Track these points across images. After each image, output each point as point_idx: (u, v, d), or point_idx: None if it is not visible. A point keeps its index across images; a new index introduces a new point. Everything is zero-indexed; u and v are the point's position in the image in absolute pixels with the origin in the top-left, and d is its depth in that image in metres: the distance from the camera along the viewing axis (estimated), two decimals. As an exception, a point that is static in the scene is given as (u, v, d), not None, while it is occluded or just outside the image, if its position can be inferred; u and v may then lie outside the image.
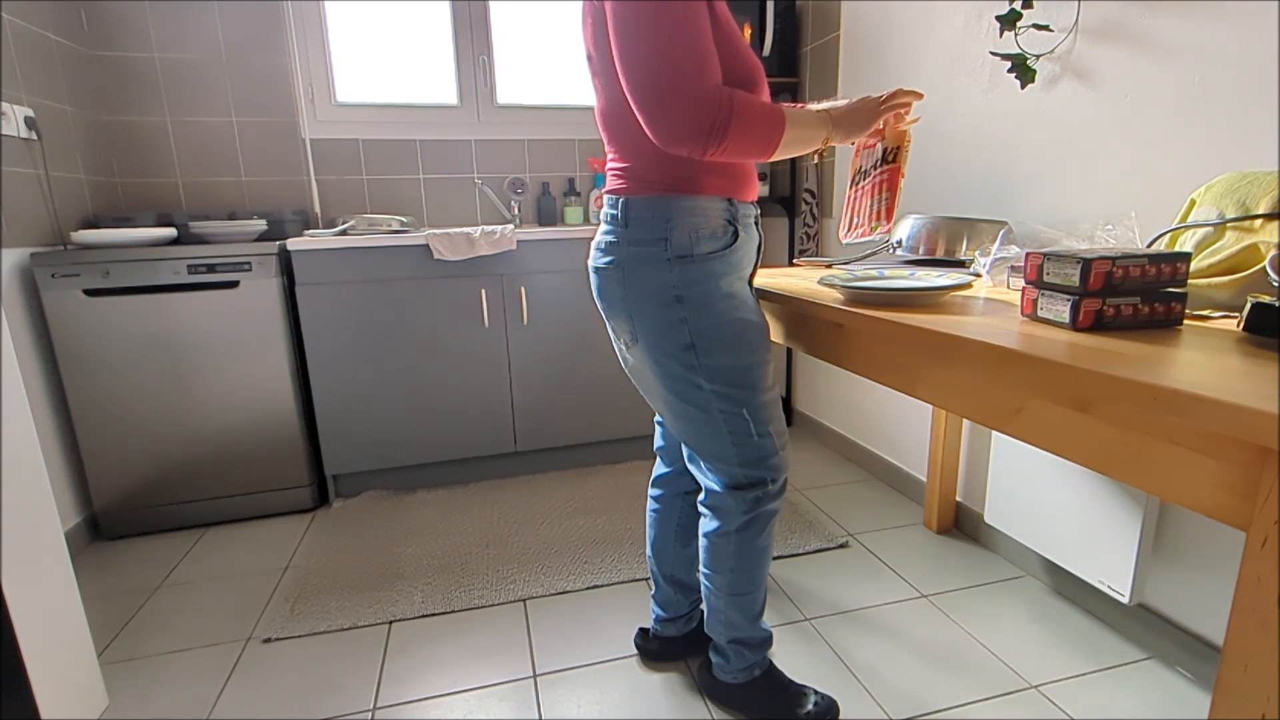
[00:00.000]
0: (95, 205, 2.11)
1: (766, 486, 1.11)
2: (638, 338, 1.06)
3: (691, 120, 0.86)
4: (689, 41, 0.86)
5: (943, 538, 1.87)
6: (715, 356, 1.03)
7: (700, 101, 0.85)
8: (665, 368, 1.06)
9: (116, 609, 1.63)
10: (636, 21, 0.86)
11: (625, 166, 1.03)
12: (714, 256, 1.01)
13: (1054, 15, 1.45)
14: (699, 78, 0.86)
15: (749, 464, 1.09)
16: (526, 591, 1.64)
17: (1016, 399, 0.75)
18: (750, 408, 1.06)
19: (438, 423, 2.20)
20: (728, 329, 1.02)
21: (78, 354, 1.83)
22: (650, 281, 1.01)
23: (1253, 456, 0.53)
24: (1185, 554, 1.31)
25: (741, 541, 1.13)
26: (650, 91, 0.86)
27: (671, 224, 0.99)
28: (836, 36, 2.24)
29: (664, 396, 1.10)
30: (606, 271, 1.05)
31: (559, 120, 2.65)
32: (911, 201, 1.98)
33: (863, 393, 2.32)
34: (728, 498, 1.12)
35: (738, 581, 1.16)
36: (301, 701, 1.31)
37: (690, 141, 0.87)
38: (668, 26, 0.85)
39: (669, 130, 0.87)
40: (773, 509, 1.13)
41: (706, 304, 1.01)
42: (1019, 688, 1.30)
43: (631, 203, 1.01)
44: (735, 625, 1.20)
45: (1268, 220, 0.85)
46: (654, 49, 0.85)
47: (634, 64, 0.87)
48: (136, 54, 2.19)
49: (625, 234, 1.02)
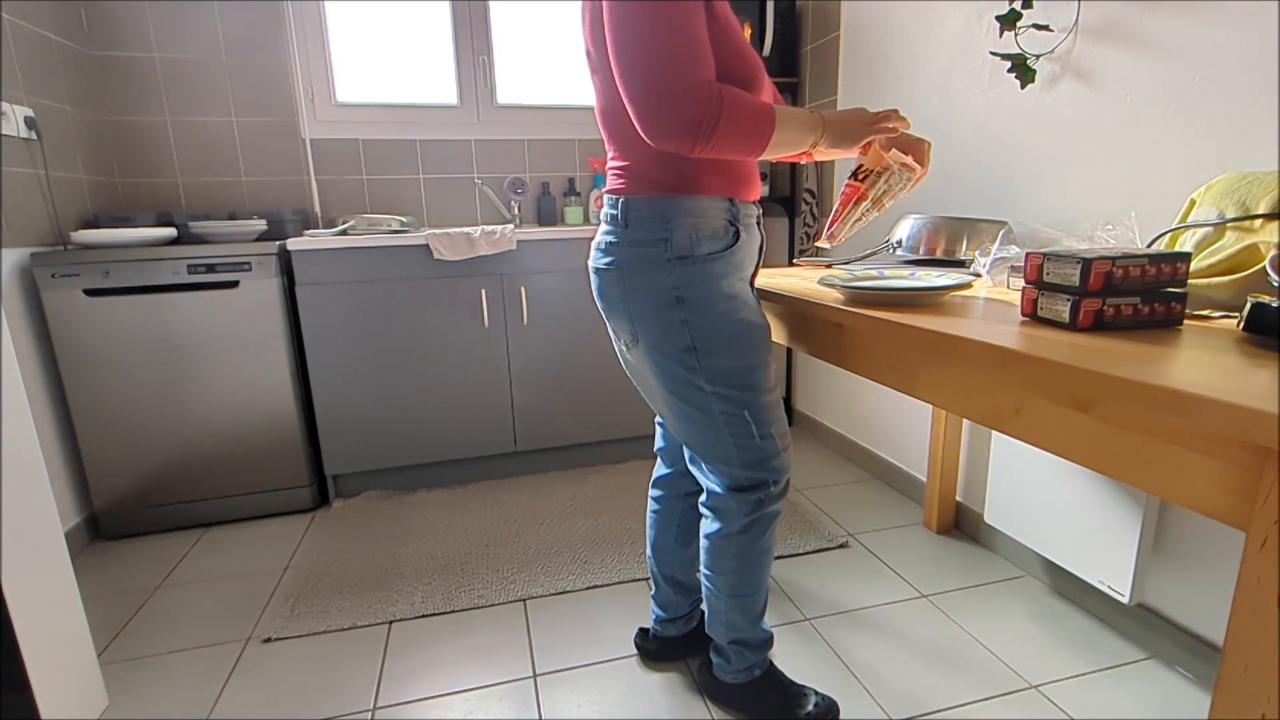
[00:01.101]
0: (95, 205, 2.11)
1: (769, 488, 1.10)
2: (638, 339, 1.06)
3: (681, 115, 0.86)
4: (682, 39, 0.86)
5: (943, 538, 1.87)
6: (717, 358, 1.02)
7: (690, 98, 0.85)
8: (666, 369, 1.05)
9: (116, 609, 1.63)
10: (631, 18, 0.86)
11: (625, 165, 1.02)
12: (715, 257, 1.01)
13: (1054, 15, 1.45)
14: (690, 73, 0.86)
15: (751, 466, 1.09)
16: (526, 591, 1.64)
17: (1016, 399, 0.75)
18: (752, 409, 1.06)
19: (438, 423, 2.20)
20: (729, 330, 1.02)
21: (78, 354, 1.83)
22: (651, 283, 1.00)
23: (1253, 456, 0.53)
24: (1185, 554, 1.31)
25: (743, 543, 1.13)
26: (641, 86, 0.86)
27: (672, 224, 0.99)
28: (836, 36, 2.24)
29: (665, 398, 1.10)
30: (606, 272, 1.05)
31: (559, 120, 2.65)
32: (911, 201, 1.98)
33: (863, 393, 2.32)
34: (729, 499, 1.11)
35: (739, 583, 1.16)
36: (301, 701, 1.31)
37: (678, 137, 0.87)
38: (663, 24, 0.85)
39: (658, 125, 0.87)
40: (774, 511, 1.13)
41: (708, 305, 1.01)
42: (1019, 688, 1.30)
43: (632, 203, 1.01)
44: (736, 626, 1.20)
45: (1268, 220, 0.85)
46: (647, 45, 0.86)
47: (627, 60, 0.87)
48: (136, 54, 2.19)
49: (625, 234, 1.02)
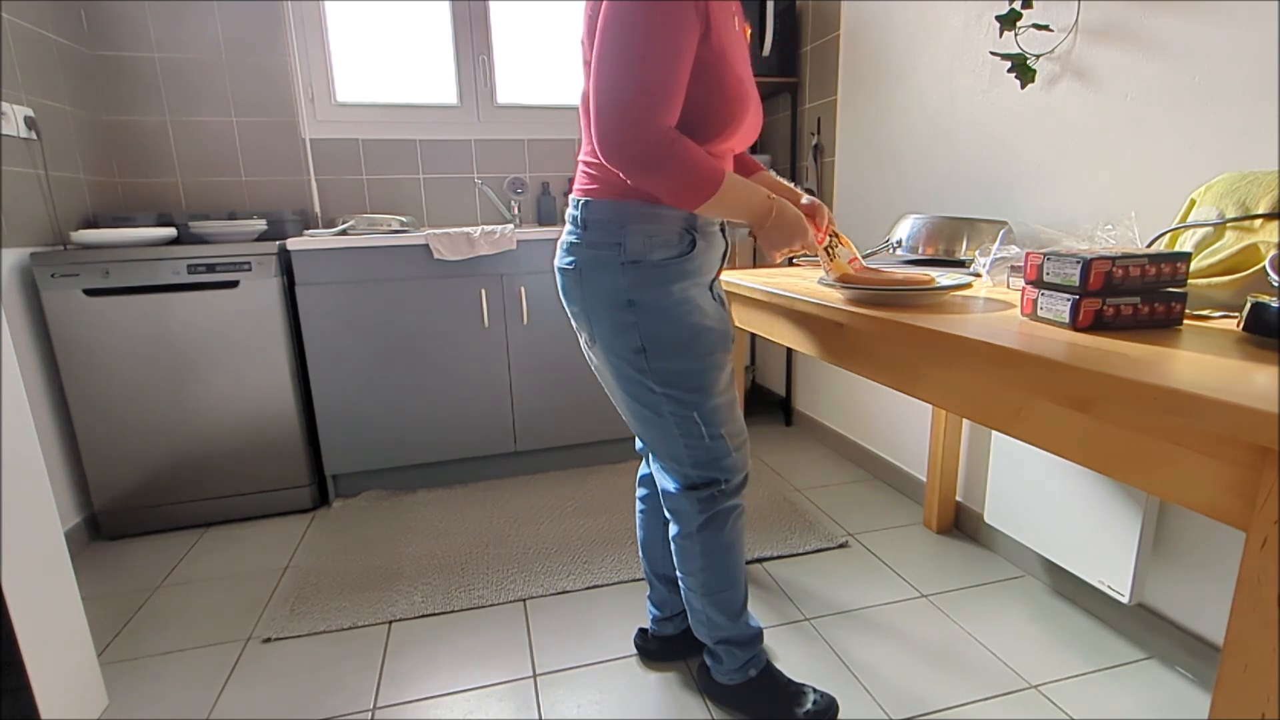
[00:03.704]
0: (95, 205, 2.11)
1: (720, 485, 1.12)
2: (595, 339, 1.08)
3: (628, 151, 0.89)
4: (659, 79, 0.87)
5: (943, 538, 1.87)
6: (666, 360, 1.04)
7: (640, 140, 0.88)
8: (619, 369, 1.08)
9: (116, 609, 1.63)
10: (622, 38, 0.87)
11: (594, 162, 1.04)
12: (668, 263, 1.02)
13: (1054, 15, 1.45)
14: (651, 117, 0.88)
15: (701, 465, 1.11)
16: (526, 591, 1.64)
17: (1016, 399, 0.75)
18: (701, 411, 1.07)
19: (438, 423, 2.20)
20: (678, 333, 1.03)
21: (78, 354, 1.83)
22: (605, 284, 1.03)
23: (1253, 456, 0.53)
24: (1185, 554, 1.31)
25: (705, 540, 1.14)
26: (608, 106, 0.88)
27: (626, 229, 1.01)
28: (836, 36, 2.24)
29: (620, 396, 1.12)
30: (567, 272, 1.07)
31: (559, 120, 2.65)
32: (912, 201, 1.98)
33: (863, 393, 2.32)
34: (682, 499, 1.13)
35: (710, 580, 1.17)
36: (301, 701, 1.31)
37: (621, 165, 0.90)
38: (647, 58, 0.87)
39: (607, 147, 0.90)
40: (731, 505, 1.14)
41: (658, 309, 1.02)
42: (1019, 688, 1.30)
43: (592, 205, 1.03)
44: (717, 625, 1.20)
45: (1268, 220, 0.85)
46: (626, 72, 0.87)
47: (605, 77, 0.89)
48: (136, 54, 2.19)
49: (585, 236, 1.04)
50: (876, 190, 2.14)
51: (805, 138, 2.49)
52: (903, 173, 2.01)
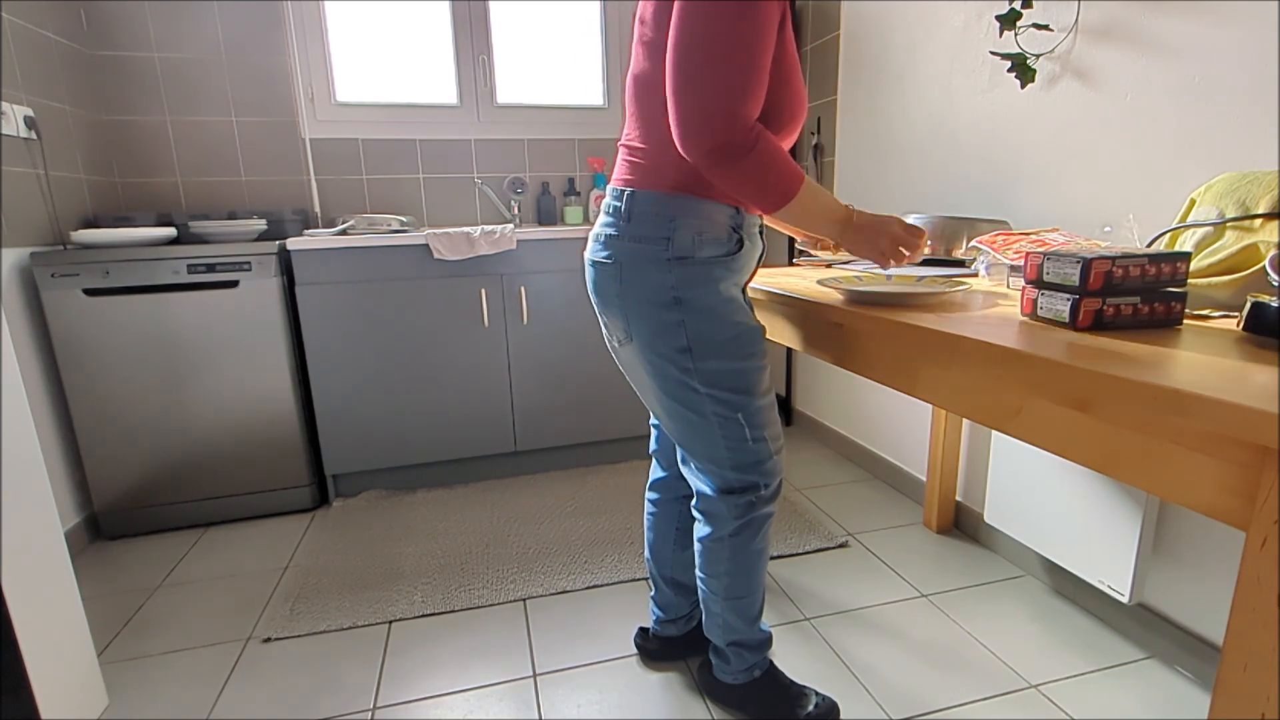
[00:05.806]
0: (95, 205, 2.11)
1: (759, 491, 1.10)
2: (632, 337, 1.05)
3: (714, 140, 0.85)
4: (746, 68, 0.84)
5: (943, 537, 1.87)
6: (712, 360, 1.02)
7: (730, 128, 0.85)
8: (660, 369, 1.04)
9: (116, 609, 1.63)
10: (706, 24, 0.84)
11: (643, 149, 1.00)
12: (716, 261, 1.00)
13: (1054, 15, 1.45)
14: (740, 106, 0.85)
15: (741, 468, 1.08)
16: (526, 591, 1.64)
17: (1016, 399, 0.75)
18: (746, 412, 1.05)
19: (438, 423, 2.20)
20: (726, 333, 1.01)
21: (78, 354, 1.83)
22: (649, 281, 0.99)
23: (1253, 456, 0.53)
24: (1185, 554, 1.31)
25: (736, 546, 1.12)
26: (692, 95, 0.85)
27: (676, 224, 0.98)
28: (836, 36, 2.24)
29: (658, 397, 1.09)
30: (604, 267, 1.03)
31: (559, 120, 2.65)
32: (912, 201, 1.98)
33: (863, 393, 2.32)
34: (719, 502, 1.11)
35: (734, 585, 1.16)
36: (301, 701, 1.31)
37: (702, 155, 0.87)
38: (737, 46, 0.84)
39: (690, 138, 0.86)
40: (766, 513, 1.12)
41: (706, 307, 1.00)
42: (1019, 687, 1.30)
43: (637, 197, 0.99)
44: (734, 629, 1.20)
45: (1268, 220, 0.85)
46: (714, 62, 0.84)
47: (687, 65, 0.85)
48: (136, 53, 2.19)
49: (626, 229, 1.00)
50: (876, 190, 2.14)
51: (805, 137, 2.48)
52: (902, 172, 2.01)
